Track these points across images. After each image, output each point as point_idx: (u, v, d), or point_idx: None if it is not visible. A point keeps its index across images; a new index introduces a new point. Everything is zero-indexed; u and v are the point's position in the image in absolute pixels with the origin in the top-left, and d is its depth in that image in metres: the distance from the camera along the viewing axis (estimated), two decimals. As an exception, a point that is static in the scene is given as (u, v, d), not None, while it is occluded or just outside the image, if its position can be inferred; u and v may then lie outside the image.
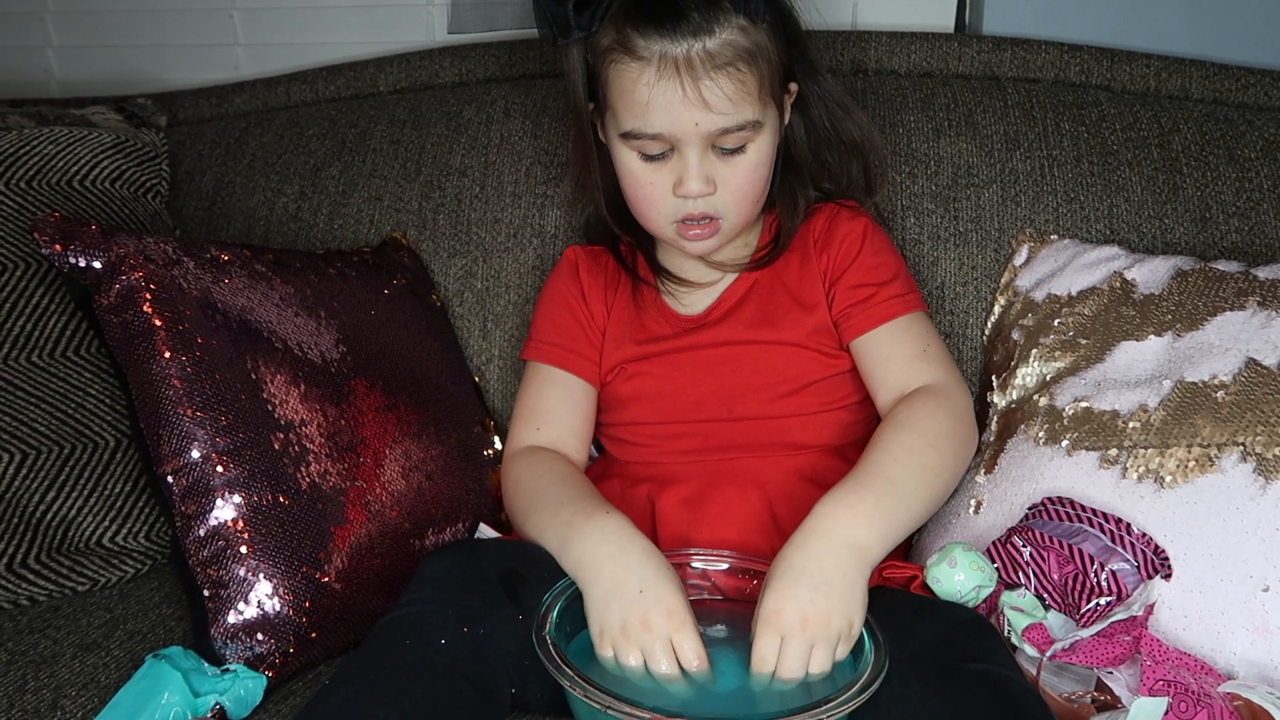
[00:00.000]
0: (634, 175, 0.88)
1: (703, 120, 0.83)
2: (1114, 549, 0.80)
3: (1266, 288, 0.88)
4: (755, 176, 0.88)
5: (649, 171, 0.87)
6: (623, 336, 0.96)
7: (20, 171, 1.03)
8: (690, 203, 0.87)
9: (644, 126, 0.84)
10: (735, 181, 0.87)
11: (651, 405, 0.94)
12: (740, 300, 0.94)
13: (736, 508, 0.88)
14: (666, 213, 0.88)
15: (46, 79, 1.45)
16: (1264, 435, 0.79)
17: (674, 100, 0.82)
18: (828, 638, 0.70)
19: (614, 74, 0.85)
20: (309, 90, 1.30)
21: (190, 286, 0.87)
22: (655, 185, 0.87)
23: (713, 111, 0.82)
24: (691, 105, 0.82)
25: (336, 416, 0.91)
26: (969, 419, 0.87)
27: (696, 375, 0.92)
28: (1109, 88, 1.14)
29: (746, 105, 0.84)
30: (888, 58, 1.17)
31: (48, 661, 0.82)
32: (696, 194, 0.86)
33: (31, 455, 0.91)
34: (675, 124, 0.83)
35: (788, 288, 0.93)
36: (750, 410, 0.91)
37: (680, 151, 0.85)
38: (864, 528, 0.75)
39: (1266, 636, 0.75)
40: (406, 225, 1.16)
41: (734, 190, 0.87)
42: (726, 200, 0.87)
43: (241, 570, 0.82)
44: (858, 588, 0.72)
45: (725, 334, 0.93)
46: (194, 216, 1.22)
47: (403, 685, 0.68)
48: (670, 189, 0.87)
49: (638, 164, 0.87)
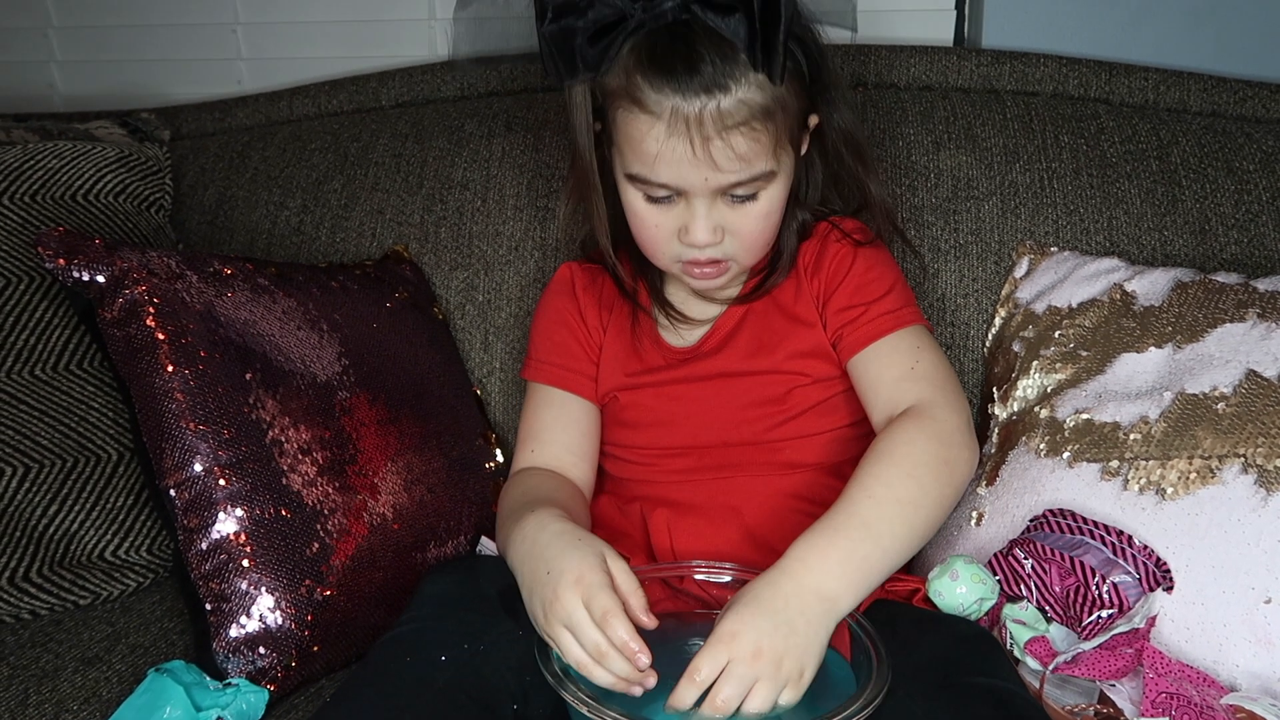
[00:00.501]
0: (639, 215, 0.85)
1: (711, 177, 0.80)
2: (1115, 561, 0.80)
3: (1266, 299, 0.88)
4: (766, 224, 0.85)
5: (655, 214, 0.84)
6: (618, 361, 0.95)
7: (24, 186, 1.04)
8: (695, 251, 0.85)
9: (651, 176, 0.81)
10: (745, 230, 0.84)
11: (647, 433, 0.93)
12: (734, 329, 0.92)
13: (730, 526, 0.88)
14: (671, 254, 0.87)
15: (50, 93, 1.46)
16: (1265, 447, 0.79)
17: (683, 158, 0.79)
18: (774, 678, 0.66)
19: (622, 118, 0.81)
20: (311, 104, 1.30)
21: (193, 300, 0.88)
22: (661, 228, 0.85)
23: (722, 171, 0.79)
24: (700, 164, 0.79)
25: (338, 430, 0.91)
26: (957, 439, 0.82)
27: (691, 406, 0.91)
28: (1108, 100, 1.14)
29: (759, 160, 0.80)
30: (887, 71, 1.18)
31: (49, 676, 0.82)
32: (703, 243, 0.83)
33: (34, 469, 0.92)
34: (683, 179, 0.80)
35: (782, 309, 0.92)
36: (745, 436, 0.90)
37: (688, 201, 0.82)
38: (835, 578, 0.71)
39: (1269, 648, 0.75)
40: (408, 238, 1.16)
41: (743, 238, 0.85)
42: (735, 247, 0.85)
43: (243, 584, 0.82)
44: (818, 638, 0.69)
45: (719, 365, 0.92)
46: (197, 230, 1.22)
47: (404, 702, 0.68)
48: (675, 234, 0.84)
49: (643, 205, 0.84)
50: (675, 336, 0.94)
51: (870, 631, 0.72)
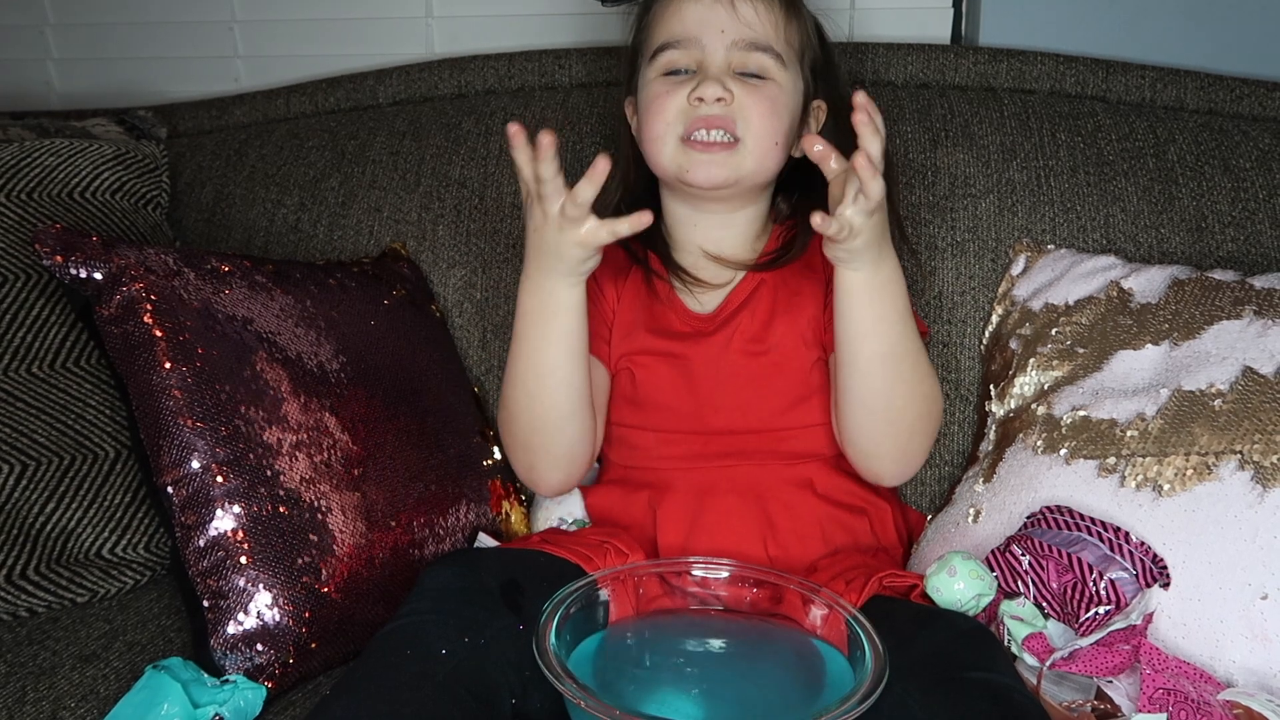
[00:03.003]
0: (656, 93, 0.90)
1: (729, 27, 0.88)
2: (1113, 558, 0.81)
3: (1262, 296, 0.88)
4: (773, 113, 0.89)
5: (670, 84, 0.89)
6: (633, 325, 0.95)
7: (21, 183, 1.03)
8: (704, 108, 0.87)
9: (675, 31, 0.89)
10: (753, 106, 0.88)
11: (655, 413, 0.93)
12: (748, 299, 0.94)
13: (735, 516, 0.88)
14: (674, 119, 0.89)
15: (47, 91, 1.45)
16: (1261, 443, 0.80)
17: (706, 3, 0.88)
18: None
19: (658, 9, 0.91)
20: (309, 102, 1.30)
21: (191, 297, 0.88)
22: (672, 95, 0.88)
23: (740, 21, 0.87)
24: (721, 9, 0.87)
25: (336, 427, 0.91)
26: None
27: (703, 384, 0.92)
28: (1105, 98, 1.14)
29: (774, 35, 0.89)
30: (884, 69, 1.18)
31: (47, 673, 0.82)
32: (713, 96, 0.86)
33: (31, 466, 0.91)
34: (702, 24, 0.88)
35: (789, 284, 0.94)
36: (753, 423, 0.91)
37: (703, 64, 0.88)
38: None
39: (1265, 644, 0.75)
40: (406, 236, 1.16)
41: (751, 115, 0.88)
42: (744, 121, 0.88)
43: (241, 581, 0.82)
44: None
45: (735, 338, 0.92)
46: (194, 228, 1.22)
47: (403, 696, 0.68)
48: (685, 98, 0.88)
49: (660, 83, 0.90)
50: (694, 302, 0.96)
51: (867, 626, 0.73)
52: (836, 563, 0.86)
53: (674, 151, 0.89)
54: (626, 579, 0.78)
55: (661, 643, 0.76)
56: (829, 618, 0.74)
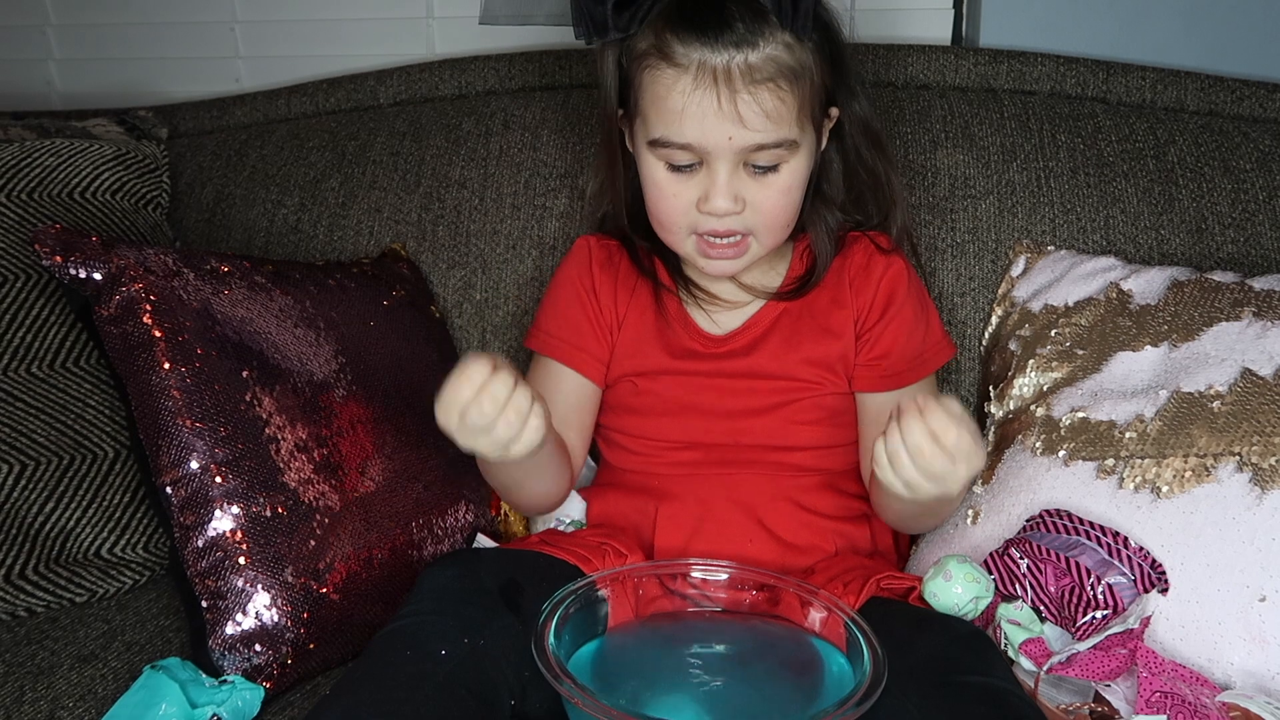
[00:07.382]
0: (658, 185, 0.85)
1: (736, 135, 0.79)
2: (1111, 562, 0.81)
3: (1262, 298, 0.88)
4: (787, 200, 0.84)
5: (674, 183, 0.84)
6: (642, 343, 0.93)
7: (21, 183, 1.03)
8: (714, 220, 0.84)
9: (674, 135, 0.81)
10: (766, 203, 0.83)
11: (661, 422, 0.92)
12: (769, 328, 0.91)
13: (735, 525, 0.88)
14: (685, 225, 0.85)
15: (48, 91, 1.45)
16: (1260, 445, 0.79)
17: (708, 111, 0.79)
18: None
19: (649, 79, 0.81)
20: (309, 102, 1.30)
21: (190, 298, 0.88)
22: (679, 197, 0.84)
23: (747, 128, 0.79)
24: (726, 119, 0.79)
25: (335, 427, 0.91)
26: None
27: (715, 401, 0.91)
28: (1105, 100, 1.14)
29: (784, 124, 0.80)
30: (885, 70, 1.18)
31: (45, 673, 0.82)
32: (723, 211, 0.82)
33: (30, 466, 0.92)
34: (707, 136, 0.80)
35: (815, 317, 0.91)
36: (759, 438, 0.90)
37: (709, 165, 0.82)
38: None
39: (1263, 646, 0.75)
40: (406, 237, 1.16)
41: (764, 212, 0.84)
42: (755, 220, 0.84)
43: (240, 581, 0.82)
44: None
45: (753, 364, 0.90)
46: (194, 228, 1.22)
47: (403, 696, 0.67)
48: (694, 203, 0.84)
49: (664, 174, 0.84)
50: (707, 321, 0.93)
51: (866, 629, 0.73)
52: (834, 564, 0.86)
53: (683, 241, 0.87)
54: (625, 580, 0.78)
55: (660, 644, 0.76)
56: (827, 620, 0.74)
